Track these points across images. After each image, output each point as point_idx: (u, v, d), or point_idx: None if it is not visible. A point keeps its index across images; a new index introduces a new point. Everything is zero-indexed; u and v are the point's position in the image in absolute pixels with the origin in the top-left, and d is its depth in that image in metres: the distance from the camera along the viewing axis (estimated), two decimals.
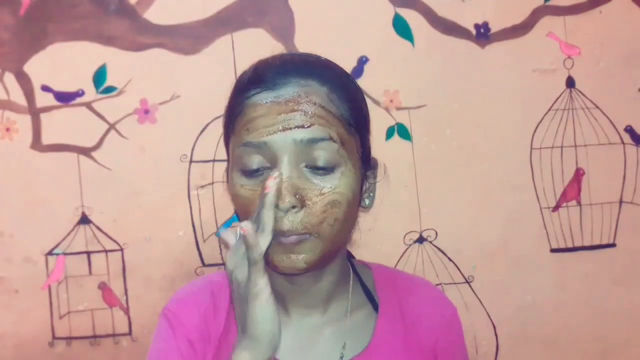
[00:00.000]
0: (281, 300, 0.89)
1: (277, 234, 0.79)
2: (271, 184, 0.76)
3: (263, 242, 0.75)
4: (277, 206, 0.78)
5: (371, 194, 0.91)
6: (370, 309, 0.92)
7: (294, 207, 0.79)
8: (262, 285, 0.75)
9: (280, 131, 0.80)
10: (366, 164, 0.89)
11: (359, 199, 0.87)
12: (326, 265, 0.86)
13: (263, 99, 0.82)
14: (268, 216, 0.75)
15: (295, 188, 0.79)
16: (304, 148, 0.80)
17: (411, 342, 0.90)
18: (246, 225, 0.74)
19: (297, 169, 0.80)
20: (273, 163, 0.80)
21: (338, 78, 0.87)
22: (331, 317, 0.90)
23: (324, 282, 0.88)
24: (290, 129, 0.80)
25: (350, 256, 0.98)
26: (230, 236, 0.79)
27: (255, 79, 0.84)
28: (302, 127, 0.80)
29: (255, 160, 0.81)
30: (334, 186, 0.81)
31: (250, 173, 0.82)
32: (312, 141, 0.80)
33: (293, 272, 0.82)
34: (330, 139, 0.81)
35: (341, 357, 0.87)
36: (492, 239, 1.28)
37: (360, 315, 0.91)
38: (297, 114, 0.80)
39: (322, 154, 0.80)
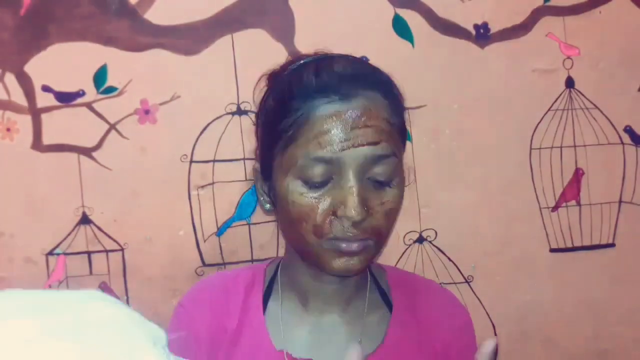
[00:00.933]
0: (302, 296, 0.92)
1: (339, 240, 0.81)
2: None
3: None
4: (346, 217, 0.80)
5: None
6: (384, 310, 0.94)
7: (363, 219, 0.81)
8: None
9: (353, 147, 0.81)
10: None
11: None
12: None
13: (333, 110, 0.81)
14: None
15: (364, 200, 0.81)
16: (370, 163, 0.81)
17: (423, 346, 0.92)
18: None
19: (362, 180, 0.82)
20: (338, 175, 0.81)
21: (394, 89, 0.89)
22: (348, 316, 0.92)
23: (347, 281, 0.91)
24: (363, 145, 0.81)
25: None
26: None
27: (322, 87, 0.83)
28: (373, 144, 0.81)
29: (321, 172, 0.81)
30: (391, 196, 0.84)
31: (313, 184, 0.82)
32: (380, 158, 0.82)
33: (345, 275, 0.85)
34: (394, 154, 0.83)
35: None
36: (492, 239, 1.29)
37: (375, 316, 0.93)
38: (368, 130, 0.81)
39: (385, 170, 0.83)
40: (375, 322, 0.92)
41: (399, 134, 0.87)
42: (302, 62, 0.90)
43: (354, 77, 0.85)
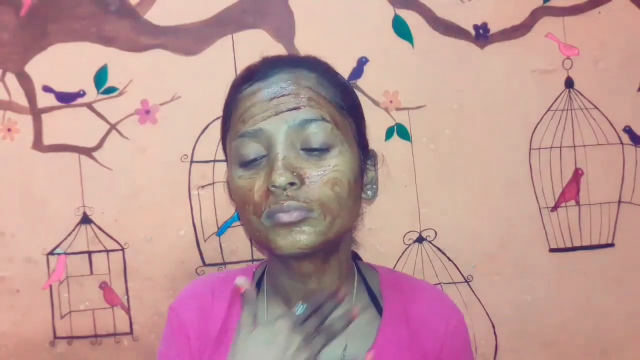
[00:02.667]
0: (286, 298, 0.90)
1: (276, 212, 0.80)
2: (240, 282, 0.79)
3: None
4: (274, 186, 0.79)
5: (374, 186, 0.92)
6: (374, 312, 0.91)
7: (292, 183, 0.79)
8: None
9: (274, 115, 0.81)
10: (365, 152, 0.90)
11: (360, 185, 0.87)
12: (330, 254, 0.86)
13: (255, 90, 0.84)
14: (253, 309, 0.78)
15: (292, 167, 0.80)
16: (297, 130, 0.81)
17: (415, 348, 0.89)
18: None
19: (294, 150, 0.81)
20: (269, 148, 0.81)
21: (326, 66, 0.89)
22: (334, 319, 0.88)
23: (327, 277, 0.88)
24: (283, 112, 0.81)
25: (355, 257, 0.98)
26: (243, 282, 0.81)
27: (246, 76, 0.87)
28: (294, 109, 0.81)
29: (253, 150, 0.82)
30: (332, 164, 0.82)
31: (247, 163, 0.83)
32: (305, 122, 0.81)
33: (295, 253, 0.81)
34: (323, 119, 0.82)
35: (342, 359, 0.87)
36: (491, 238, 1.29)
37: (363, 318, 0.90)
38: (288, 97, 0.82)
39: (316, 135, 0.81)
40: (364, 324, 0.89)
41: (336, 107, 0.85)
42: None
43: (274, 61, 0.87)
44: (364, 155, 0.90)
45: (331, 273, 0.88)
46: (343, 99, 0.87)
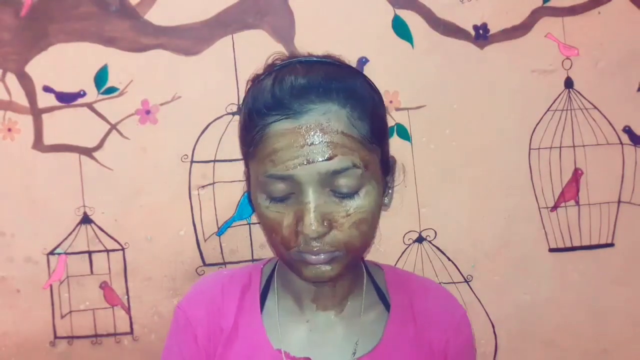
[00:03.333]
0: (297, 296, 0.93)
1: (305, 252, 0.82)
2: None
3: None
4: (303, 233, 0.80)
5: (389, 191, 0.92)
6: (382, 309, 0.94)
7: (322, 235, 0.81)
8: None
9: (306, 165, 0.80)
10: (385, 169, 0.89)
11: (381, 205, 0.88)
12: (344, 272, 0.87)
13: (285, 128, 0.81)
14: None
15: (322, 215, 0.80)
16: (328, 178, 0.80)
17: (421, 343, 0.92)
18: None
19: (323, 194, 0.81)
20: (298, 191, 0.81)
21: (358, 93, 0.84)
22: (345, 315, 0.92)
23: (340, 283, 0.91)
24: (315, 162, 0.80)
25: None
26: None
27: (274, 105, 0.82)
28: (327, 159, 0.80)
29: (281, 189, 0.82)
30: (359, 206, 0.82)
31: (276, 199, 0.83)
32: (336, 172, 0.80)
33: (320, 282, 0.85)
34: (354, 166, 0.81)
35: (353, 354, 0.90)
36: (491, 238, 1.29)
37: (372, 315, 0.93)
38: (320, 146, 0.80)
39: (347, 182, 0.81)
40: (373, 321, 0.93)
41: (366, 143, 0.83)
42: (266, 73, 0.88)
43: (305, 90, 0.82)
44: (385, 171, 0.89)
45: (342, 281, 0.91)
46: (372, 130, 0.84)
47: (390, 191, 0.92)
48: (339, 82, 0.84)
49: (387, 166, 0.90)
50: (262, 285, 0.95)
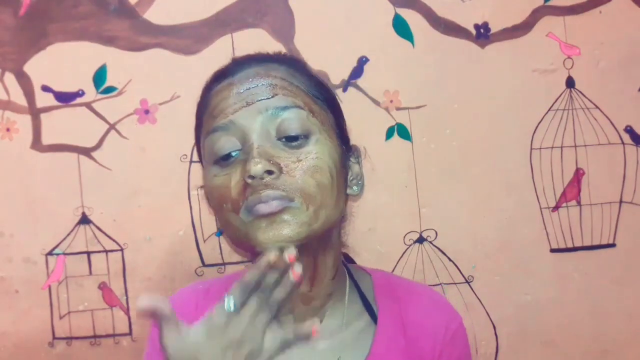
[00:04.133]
0: None
1: (255, 204, 0.75)
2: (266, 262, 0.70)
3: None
4: (250, 176, 0.74)
5: (359, 182, 0.87)
6: (368, 320, 0.87)
7: (269, 172, 0.75)
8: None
9: (245, 106, 0.78)
10: (346, 145, 0.86)
11: (344, 179, 0.83)
12: (317, 252, 0.81)
13: (225, 85, 0.82)
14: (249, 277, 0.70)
15: (268, 155, 0.76)
16: (271, 119, 0.78)
17: (413, 356, 0.85)
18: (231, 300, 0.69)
19: (270, 140, 0.78)
20: (243, 141, 0.78)
21: (296, 60, 0.88)
22: (326, 327, 0.84)
23: (317, 281, 0.83)
24: (254, 102, 0.79)
25: (348, 261, 0.95)
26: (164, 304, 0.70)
27: (217, 76, 0.86)
28: (266, 98, 0.79)
29: (226, 145, 0.79)
30: (310, 152, 0.78)
31: (222, 160, 0.79)
32: (279, 110, 0.78)
33: (278, 246, 0.73)
34: (297, 106, 0.80)
35: None
36: (492, 239, 1.28)
37: (357, 327, 0.86)
38: (259, 88, 0.80)
39: (291, 122, 0.78)
40: (358, 333, 0.85)
41: (310, 96, 0.82)
42: None
43: (247, 57, 0.86)
44: (346, 149, 0.86)
45: (322, 277, 0.83)
46: (318, 90, 0.84)
47: (360, 181, 0.87)
48: (279, 53, 0.90)
49: (346, 141, 0.87)
50: None
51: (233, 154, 0.79)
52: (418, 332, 0.86)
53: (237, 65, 0.85)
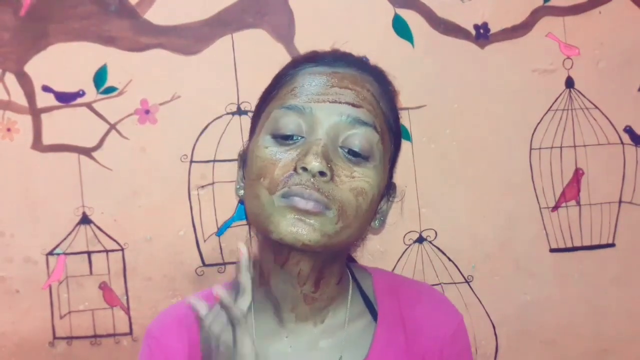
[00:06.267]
0: (275, 308, 0.84)
1: (295, 195, 0.74)
2: (243, 247, 0.71)
3: (243, 303, 0.70)
4: (304, 167, 0.74)
5: (382, 218, 0.87)
6: (369, 319, 0.86)
7: (323, 173, 0.74)
8: (249, 347, 0.70)
9: (329, 102, 0.77)
10: (389, 180, 0.87)
11: (375, 209, 0.83)
12: (327, 264, 0.81)
13: (318, 71, 0.81)
14: (245, 279, 0.71)
15: (328, 157, 0.75)
16: (346, 125, 0.77)
17: (413, 354, 0.84)
18: (218, 291, 0.70)
19: (334, 143, 0.77)
20: (310, 132, 0.77)
21: (390, 85, 0.87)
22: (327, 327, 0.84)
23: (322, 285, 0.83)
24: (340, 102, 0.78)
25: (349, 260, 0.93)
26: (201, 306, 0.73)
27: (312, 57, 0.84)
28: (353, 105, 0.78)
29: (293, 125, 0.77)
30: (364, 174, 0.78)
31: (281, 137, 0.78)
32: (357, 122, 0.78)
33: (292, 244, 0.75)
34: (374, 127, 0.79)
35: None
36: (492, 239, 1.29)
37: (358, 325, 0.86)
38: (350, 92, 0.79)
39: (362, 140, 0.78)
40: (359, 332, 0.84)
41: (388, 125, 0.82)
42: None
43: (350, 57, 0.85)
44: (388, 184, 0.86)
45: (327, 280, 0.83)
46: (395, 122, 0.85)
47: (382, 218, 0.87)
48: (380, 69, 0.88)
49: (392, 172, 0.87)
50: None
51: (294, 137, 0.78)
52: (418, 330, 0.86)
53: (337, 57, 0.84)
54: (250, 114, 1.25)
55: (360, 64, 0.84)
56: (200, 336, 0.74)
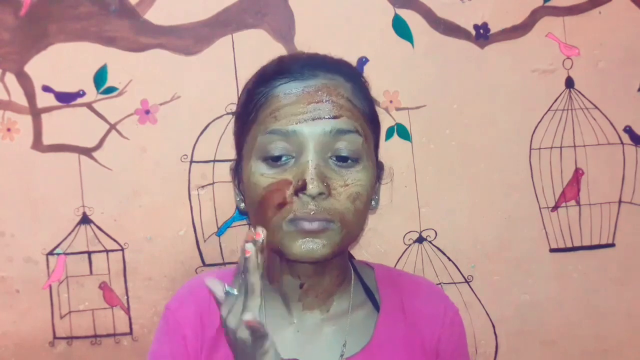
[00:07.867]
0: (283, 295, 0.91)
1: (300, 219, 0.80)
2: (250, 246, 0.74)
3: (253, 304, 0.73)
4: (304, 192, 0.79)
5: (376, 197, 0.93)
6: (371, 308, 0.93)
7: (321, 193, 0.80)
8: (268, 344, 0.74)
9: (310, 120, 0.81)
10: (377, 164, 0.91)
11: (371, 199, 0.88)
12: (334, 258, 0.86)
13: (291, 88, 0.84)
14: (255, 279, 0.73)
15: (323, 176, 0.80)
16: (331, 138, 0.82)
17: (412, 342, 0.91)
18: (231, 290, 0.74)
19: (324, 158, 0.82)
20: (298, 152, 0.81)
21: (359, 77, 0.91)
22: (332, 315, 0.91)
23: (326, 278, 0.89)
24: (321, 118, 0.81)
25: (350, 257, 0.99)
26: (218, 288, 0.77)
27: (282, 70, 0.86)
28: (333, 117, 0.82)
29: (280, 148, 0.82)
30: (357, 178, 0.83)
31: (272, 160, 0.82)
32: (340, 132, 0.82)
33: (308, 260, 0.82)
34: (357, 131, 0.83)
35: (341, 355, 0.88)
36: (492, 238, 1.29)
37: (361, 314, 0.92)
38: (327, 104, 0.82)
39: (348, 146, 0.82)
40: (361, 320, 0.91)
41: (366, 120, 0.86)
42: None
43: (314, 61, 0.87)
44: (377, 167, 0.91)
45: (331, 272, 0.90)
46: (371, 111, 0.89)
47: (377, 196, 0.93)
48: (345, 64, 0.90)
49: (377, 158, 0.91)
50: None
51: (284, 157, 0.82)
52: (417, 318, 0.92)
53: (304, 66, 0.86)
54: None
55: (326, 67, 0.87)
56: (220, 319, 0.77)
